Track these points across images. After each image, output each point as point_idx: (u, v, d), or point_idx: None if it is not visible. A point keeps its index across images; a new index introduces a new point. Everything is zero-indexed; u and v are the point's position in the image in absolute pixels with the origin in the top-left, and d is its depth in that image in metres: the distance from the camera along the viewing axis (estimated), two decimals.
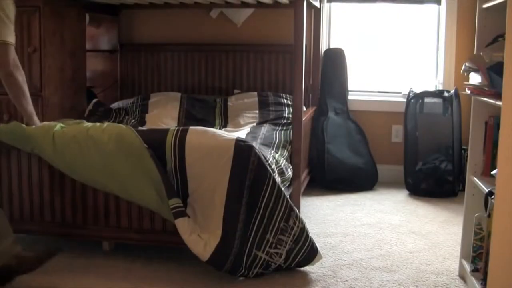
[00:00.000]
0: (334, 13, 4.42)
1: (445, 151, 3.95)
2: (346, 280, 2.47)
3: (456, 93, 3.90)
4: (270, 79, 4.27)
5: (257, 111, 3.88)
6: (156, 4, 4.03)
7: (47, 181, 2.68)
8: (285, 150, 3.18)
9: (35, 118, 2.73)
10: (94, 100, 3.90)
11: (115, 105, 4.03)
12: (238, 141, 2.52)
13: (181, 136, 2.53)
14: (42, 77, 3.37)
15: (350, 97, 4.31)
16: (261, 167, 2.47)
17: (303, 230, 2.53)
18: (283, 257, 2.50)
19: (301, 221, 2.53)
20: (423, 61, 4.37)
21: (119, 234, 2.67)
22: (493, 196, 2.01)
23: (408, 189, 3.99)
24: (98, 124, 2.69)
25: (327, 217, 3.38)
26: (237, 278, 2.48)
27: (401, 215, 3.46)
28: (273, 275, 2.52)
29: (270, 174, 2.49)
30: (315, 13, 4.17)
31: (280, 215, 2.48)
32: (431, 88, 4.24)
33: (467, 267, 2.37)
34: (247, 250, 2.44)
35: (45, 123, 2.77)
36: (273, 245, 2.48)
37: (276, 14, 4.22)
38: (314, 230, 3.10)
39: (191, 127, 2.64)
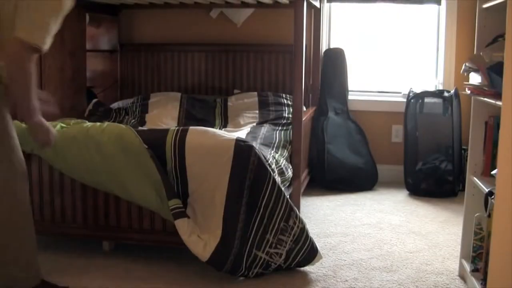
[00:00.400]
0: (334, 13, 4.42)
1: (445, 151, 3.95)
2: (346, 280, 2.47)
3: (456, 93, 3.90)
4: (270, 79, 4.27)
5: (257, 111, 3.89)
6: (156, 4, 4.03)
7: (47, 181, 2.69)
8: (285, 150, 3.18)
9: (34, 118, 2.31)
10: (94, 100, 3.90)
11: (115, 105, 4.03)
12: (238, 141, 2.52)
13: (181, 136, 2.53)
14: (42, 77, 3.37)
15: (350, 97, 4.31)
16: (261, 167, 2.47)
17: (303, 230, 2.53)
18: (283, 257, 2.50)
19: (301, 221, 2.53)
20: (423, 61, 4.37)
21: (119, 234, 2.67)
22: (493, 196, 2.01)
23: (408, 189, 3.99)
24: (98, 124, 2.69)
25: (327, 217, 3.38)
26: (237, 278, 2.48)
27: (401, 215, 3.46)
28: (273, 275, 2.52)
29: (270, 174, 2.49)
30: (315, 13, 4.17)
31: (280, 215, 2.48)
32: (431, 88, 4.24)
33: (467, 267, 2.37)
34: (247, 250, 2.44)
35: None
36: (273, 245, 2.48)
37: (276, 14, 4.22)
38: (314, 230, 3.10)
39: (191, 127, 2.64)
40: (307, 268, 2.58)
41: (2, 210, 2.12)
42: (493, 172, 2.07)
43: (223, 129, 3.57)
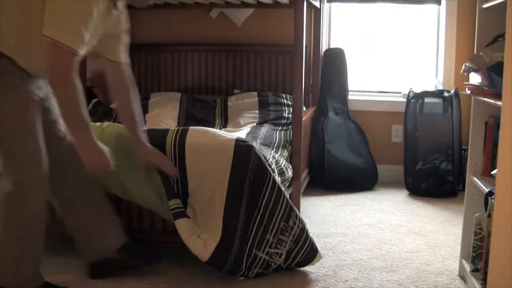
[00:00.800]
0: (334, 13, 4.42)
1: (445, 151, 3.95)
2: (346, 280, 2.47)
3: (456, 93, 3.90)
4: (270, 79, 4.27)
5: (257, 111, 3.88)
6: (156, 4, 4.02)
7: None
8: (285, 150, 3.17)
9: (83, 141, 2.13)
10: (94, 100, 3.90)
11: (114, 105, 4.03)
12: (238, 141, 2.52)
13: (181, 136, 2.53)
14: None
15: (350, 97, 4.31)
16: (261, 167, 2.47)
17: (303, 230, 2.53)
18: (283, 257, 2.50)
19: (301, 221, 2.53)
20: (423, 61, 4.37)
21: None
22: (493, 196, 2.01)
23: (408, 189, 3.99)
24: (98, 124, 2.69)
25: (327, 217, 3.38)
26: (237, 278, 2.48)
27: (401, 215, 3.46)
28: (273, 275, 2.52)
29: (270, 174, 2.49)
30: (315, 13, 4.17)
31: (280, 215, 2.48)
32: (431, 88, 4.24)
33: (467, 267, 2.37)
34: (247, 250, 2.44)
35: None
36: (273, 245, 2.48)
37: (276, 14, 4.22)
38: (314, 230, 3.10)
39: (191, 127, 2.64)
40: (307, 268, 2.58)
41: (12, 211, 2.11)
42: (493, 172, 2.07)
43: (223, 129, 3.57)
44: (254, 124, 3.69)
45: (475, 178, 2.33)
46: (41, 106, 2.17)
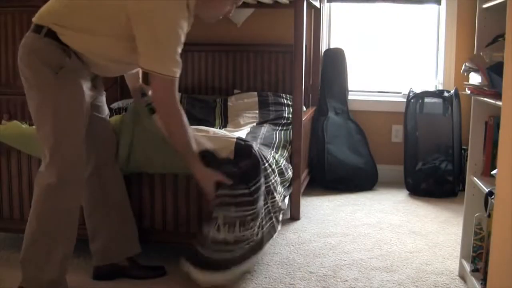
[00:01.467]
0: (334, 13, 4.42)
1: (445, 151, 3.95)
2: (346, 280, 2.47)
3: (456, 93, 3.90)
4: (270, 79, 4.27)
5: (257, 111, 3.89)
6: None
7: None
8: (285, 150, 3.17)
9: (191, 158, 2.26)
10: None
11: (115, 105, 4.03)
12: (238, 140, 2.52)
13: None
14: None
15: (350, 97, 4.31)
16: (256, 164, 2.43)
17: (256, 246, 2.30)
18: (220, 237, 2.23)
19: (262, 233, 2.32)
20: (423, 61, 4.37)
21: None
22: (493, 196, 2.01)
23: (408, 189, 3.99)
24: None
25: (327, 217, 3.38)
26: (239, 278, 2.47)
27: (401, 215, 3.46)
28: (273, 274, 2.52)
29: (261, 177, 2.39)
30: (315, 13, 4.17)
31: (249, 212, 2.27)
32: (431, 88, 4.25)
33: (467, 267, 2.37)
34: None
35: None
36: (226, 222, 2.23)
37: (276, 14, 4.22)
38: (314, 230, 3.10)
39: (191, 127, 2.63)
40: (307, 268, 2.57)
41: (47, 204, 2.12)
42: (493, 172, 2.07)
43: (223, 129, 3.57)
44: (254, 124, 3.69)
45: (475, 178, 2.33)
46: (94, 105, 2.30)
